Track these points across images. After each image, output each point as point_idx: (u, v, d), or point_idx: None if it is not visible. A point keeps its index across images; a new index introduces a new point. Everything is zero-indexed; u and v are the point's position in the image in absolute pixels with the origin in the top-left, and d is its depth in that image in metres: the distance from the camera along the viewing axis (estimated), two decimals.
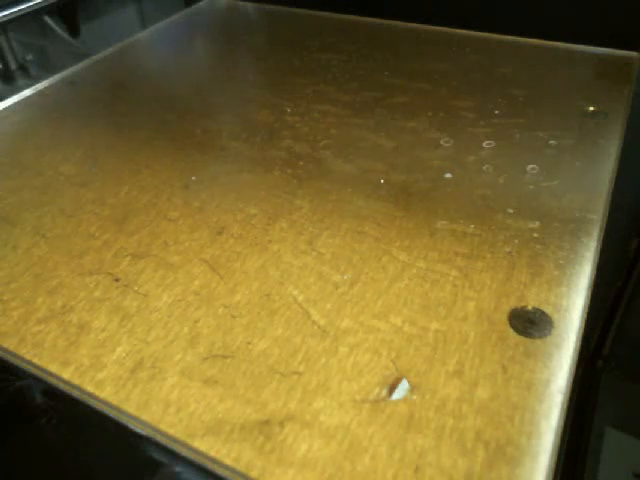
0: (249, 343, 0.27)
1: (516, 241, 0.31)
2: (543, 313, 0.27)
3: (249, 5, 0.63)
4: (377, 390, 0.24)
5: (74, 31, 0.73)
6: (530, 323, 0.27)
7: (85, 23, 0.73)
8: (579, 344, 0.26)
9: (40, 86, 0.49)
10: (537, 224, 0.32)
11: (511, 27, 0.50)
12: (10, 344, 0.27)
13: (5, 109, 0.46)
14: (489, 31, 0.52)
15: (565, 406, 0.24)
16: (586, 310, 0.28)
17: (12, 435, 0.27)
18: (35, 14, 0.67)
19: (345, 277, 0.30)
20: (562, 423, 0.23)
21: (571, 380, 0.25)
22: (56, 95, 0.48)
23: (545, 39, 0.49)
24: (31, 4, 0.61)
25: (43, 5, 0.63)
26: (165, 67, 0.52)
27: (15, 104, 0.47)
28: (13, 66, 0.69)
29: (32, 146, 0.41)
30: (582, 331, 0.27)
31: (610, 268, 0.53)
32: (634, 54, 0.47)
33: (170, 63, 0.53)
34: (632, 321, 0.62)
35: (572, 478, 0.61)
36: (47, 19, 0.73)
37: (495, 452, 0.22)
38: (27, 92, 0.48)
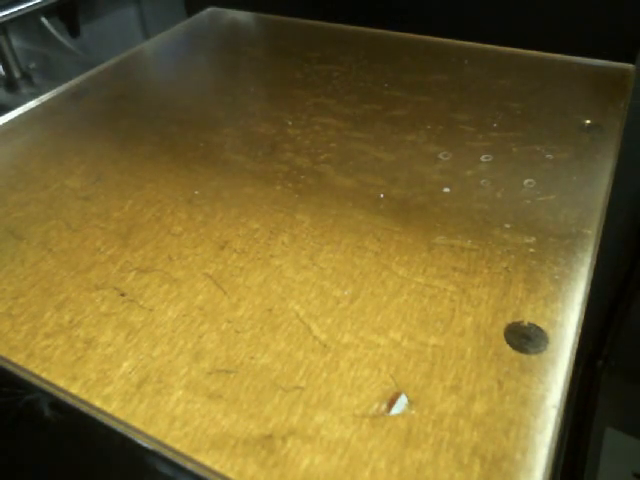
0: (252, 358, 0.27)
1: (512, 256, 0.31)
2: (538, 329, 0.28)
3: (250, 15, 0.64)
4: (377, 405, 0.25)
5: (75, 37, 0.73)
6: (526, 339, 0.27)
7: (87, 31, 0.74)
8: (574, 359, 0.27)
9: (44, 98, 0.50)
10: (533, 239, 0.32)
11: (509, 39, 0.51)
12: (19, 359, 0.28)
13: (10, 121, 0.47)
14: (488, 43, 0.52)
15: (560, 422, 0.24)
16: (581, 325, 0.28)
17: (21, 447, 0.28)
18: (36, 19, 0.67)
19: (346, 292, 0.30)
20: (557, 438, 0.24)
21: (566, 395, 0.25)
22: (60, 107, 0.49)
23: (543, 51, 0.50)
24: (31, 4, 0.61)
25: (43, 5, 0.63)
26: (167, 79, 0.53)
27: (20, 116, 0.47)
28: (17, 74, 0.70)
29: (38, 159, 0.42)
30: (577, 346, 0.27)
31: (610, 269, 0.54)
32: (630, 66, 0.47)
33: (172, 75, 0.53)
34: (632, 321, 0.62)
35: (572, 478, 0.62)
36: (49, 26, 0.73)
37: (491, 467, 0.23)
38: (32, 104, 0.49)
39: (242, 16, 0.64)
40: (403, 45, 0.55)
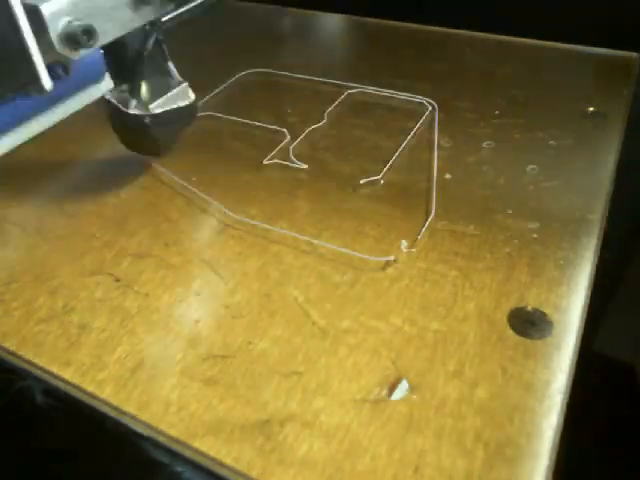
0: (249, 343, 0.27)
1: (516, 241, 0.31)
2: (543, 314, 0.27)
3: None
4: (377, 390, 0.24)
5: None
6: (530, 324, 0.27)
7: None
8: (579, 344, 0.26)
9: None
10: (537, 224, 0.32)
11: (511, 27, 0.50)
12: (11, 344, 0.27)
13: None
14: (489, 31, 0.52)
15: (565, 406, 0.24)
16: (586, 310, 0.28)
17: (12, 435, 0.27)
18: None
19: (345, 277, 0.30)
20: (562, 423, 0.23)
21: (571, 380, 0.25)
22: None
23: (545, 39, 0.49)
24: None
25: None
26: None
27: None
28: None
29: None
30: (582, 331, 0.27)
31: (610, 268, 0.53)
32: (634, 54, 0.47)
33: None
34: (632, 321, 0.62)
35: (572, 478, 0.61)
36: None
37: (495, 452, 0.22)
38: None
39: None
40: (404, 34, 0.54)
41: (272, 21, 0.60)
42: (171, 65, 0.34)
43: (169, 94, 0.33)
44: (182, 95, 0.34)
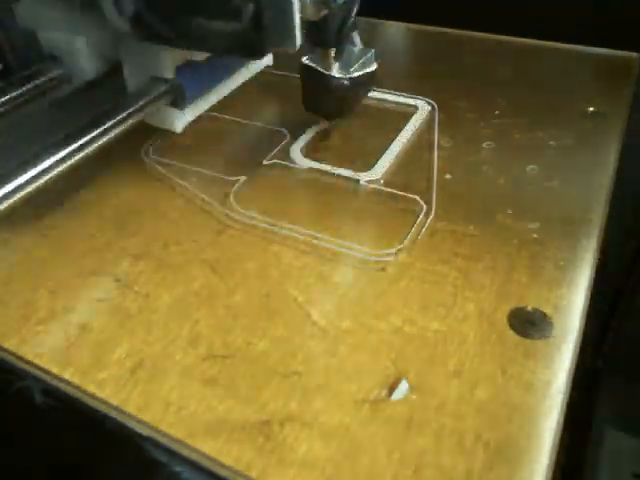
0: (249, 343, 0.27)
1: (516, 242, 0.31)
2: (543, 314, 0.27)
3: None
4: (377, 390, 0.24)
5: None
6: (530, 324, 0.27)
7: None
8: (579, 344, 0.26)
9: None
10: (537, 225, 0.32)
11: (511, 27, 0.50)
12: (11, 344, 0.27)
13: None
14: (489, 31, 0.52)
15: (565, 406, 0.24)
16: (586, 310, 0.28)
17: (12, 435, 0.27)
18: None
19: (345, 277, 0.30)
20: (562, 423, 0.23)
21: (571, 380, 0.25)
22: None
23: (545, 39, 0.49)
24: None
25: None
26: None
27: None
28: None
29: None
30: (582, 331, 0.27)
31: (610, 268, 0.53)
32: (634, 55, 0.47)
33: None
34: (632, 321, 0.62)
35: (572, 478, 0.61)
36: None
37: (495, 453, 0.22)
38: None
39: None
40: (403, 35, 0.54)
41: None
42: (356, 34, 0.37)
43: (362, 59, 0.37)
44: (369, 62, 0.37)
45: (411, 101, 0.43)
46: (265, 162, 0.38)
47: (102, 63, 0.38)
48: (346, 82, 0.36)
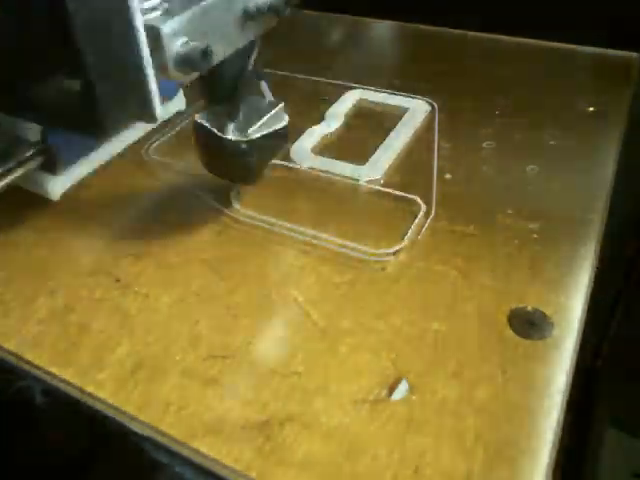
0: (249, 344, 0.27)
1: (516, 242, 0.31)
2: (542, 314, 0.27)
3: None
4: (377, 391, 0.24)
5: None
6: (529, 324, 0.27)
7: None
8: (579, 344, 0.26)
9: None
10: (537, 225, 0.32)
11: (511, 27, 0.50)
12: (11, 344, 0.27)
13: None
14: (489, 31, 0.52)
15: (565, 406, 0.24)
16: (585, 310, 0.28)
17: (12, 435, 0.27)
18: None
19: (345, 277, 0.30)
20: (562, 423, 0.23)
21: (571, 380, 0.25)
22: None
23: (545, 39, 0.49)
24: None
25: None
26: None
27: None
28: None
29: None
30: (582, 331, 0.27)
31: (610, 269, 0.53)
32: (634, 55, 0.47)
33: None
34: (632, 321, 0.62)
35: (572, 478, 0.61)
36: None
37: (495, 453, 0.22)
38: None
39: None
40: (404, 34, 0.54)
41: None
42: (265, 84, 0.32)
43: (266, 117, 0.31)
44: (277, 117, 0.32)
45: (411, 101, 0.43)
46: None
47: None
48: (243, 145, 0.30)
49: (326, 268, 0.30)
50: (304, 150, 0.39)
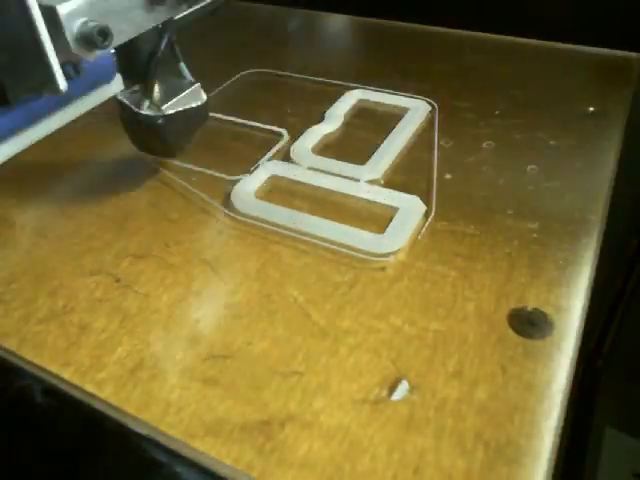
0: (249, 343, 0.27)
1: (516, 242, 0.31)
2: (543, 314, 0.27)
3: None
4: (377, 390, 0.24)
5: None
6: (530, 324, 0.27)
7: None
8: (579, 344, 0.26)
9: None
10: (537, 225, 0.32)
11: (511, 27, 0.50)
12: (11, 344, 0.27)
13: None
14: (489, 31, 0.52)
15: (565, 406, 0.24)
16: (585, 310, 0.28)
17: (12, 435, 0.27)
18: None
19: (345, 277, 0.30)
20: (562, 423, 0.23)
21: (571, 380, 0.25)
22: None
23: (545, 39, 0.49)
24: None
25: None
26: None
27: None
28: None
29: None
30: (582, 331, 0.27)
31: (610, 268, 0.53)
32: (634, 55, 0.47)
33: None
34: (632, 321, 0.62)
35: (572, 478, 0.61)
36: None
37: (495, 452, 0.22)
38: None
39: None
40: (403, 35, 0.54)
41: (273, 21, 0.60)
42: (183, 66, 0.34)
43: (181, 95, 0.33)
44: (194, 95, 0.34)
45: (411, 101, 0.43)
46: (266, 162, 0.38)
47: None
48: (159, 120, 0.32)
49: (326, 268, 0.30)
50: (304, 150, 0.39)
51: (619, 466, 0.64)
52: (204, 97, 0.34)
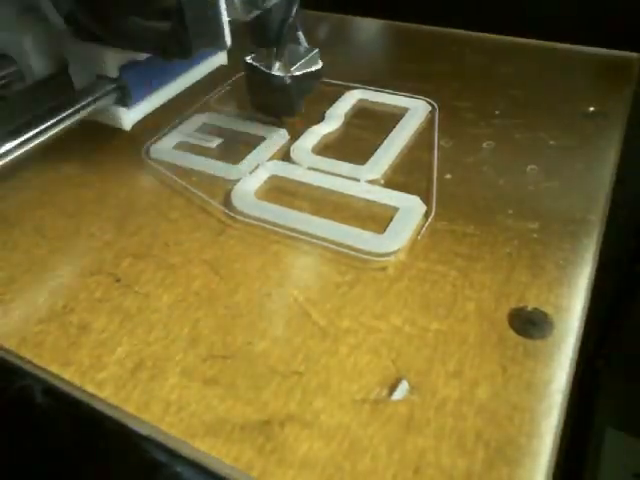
0: (249, 343, 0.27)
1: (516, 242, 0.31)
2: (543, 313, 0.27)
3: None
4: (377, 390, 0.24)
5: None
6: (530, 323, 0.27)
7: None
8: (579, 344, 0.26)
9: None
10: (537, 225, 0.32)
11: (511, 27, 0.50)
12: (11, 344, 0.27)
13: None
14: (489, 31, 0.52)
15: (565, 406, 0.24)
16: (586, 310, 0.28)
17: (12, 435, 0.27)
18: None
19: (345, 277, 0.30)
20: (562, 423, 0.23)
21: (571, 380, 0.25)
22: None
23: (545, 39, 0.49)
24: None
25: None
26: None
27: None
28: None
29: None
30: (582, 331, 0.27)
31: (610, 268, 0.53)
32: (634, 55, 0.47)
33: None
34: (632, 321, 0.62)
35: (572, 478, 0.61)
36: None
37: (495, 452, 0.22)
38: None
39: None
40: (403, 35, 0.54)
41: None
42: (301, 34, 0.38)
43: (304, 59, 0.38)
44: (313, 60, 0.38)
45: (411, 101, 0.43)
46: (265, 162, 0.38)
47: (52, 62, 0.38)
48: (288, 80, 0.37)
49: (326, 268, 0.30)
50: (304, 150, 0.39)
51: (619, 466, 0.64)
52: (320, 63, 0.39)
